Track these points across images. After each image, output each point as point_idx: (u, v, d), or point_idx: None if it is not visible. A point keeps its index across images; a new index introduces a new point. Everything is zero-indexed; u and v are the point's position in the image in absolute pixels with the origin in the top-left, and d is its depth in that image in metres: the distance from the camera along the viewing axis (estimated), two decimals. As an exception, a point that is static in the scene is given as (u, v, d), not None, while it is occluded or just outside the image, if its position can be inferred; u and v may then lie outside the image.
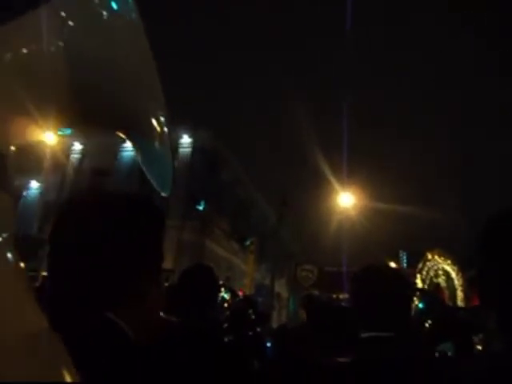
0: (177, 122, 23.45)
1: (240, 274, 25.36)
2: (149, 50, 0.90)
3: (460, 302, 17.14)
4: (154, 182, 0.95)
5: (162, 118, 0.99)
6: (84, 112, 0.87)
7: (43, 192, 25.81)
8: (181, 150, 23.64)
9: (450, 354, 2.25)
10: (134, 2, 0.86)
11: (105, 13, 0.92)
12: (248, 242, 19.42)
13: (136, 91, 0.93)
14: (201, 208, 16.41)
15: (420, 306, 2.52)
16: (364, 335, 1.53)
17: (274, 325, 22.65)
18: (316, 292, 21.04)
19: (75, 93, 0.83)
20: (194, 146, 23.48)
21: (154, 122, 0.97)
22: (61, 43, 0.83)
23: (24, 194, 26.39)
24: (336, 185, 23.24)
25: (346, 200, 22.30)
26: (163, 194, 0.97)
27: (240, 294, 20.16)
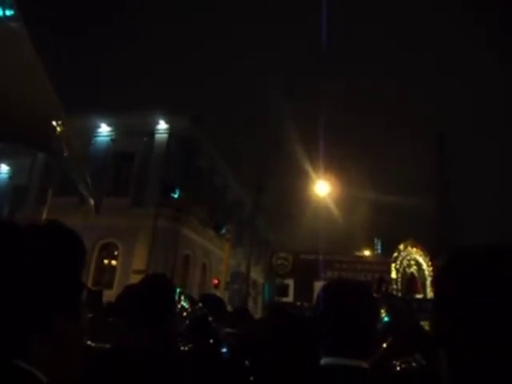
0: (153, 107, 22.95)
1: (216, 261, 25.31)
2: (34, 56, 0.83)
3: (429, 290, 17.62)
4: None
5: (56, 123, 0.91)
6: None
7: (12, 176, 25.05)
8: (157, 135, 23.15)
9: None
10: (17, 11, 0.79)
11: None
12: (224, 230, 19.34)
13: (18, 98, 0.87)
14: (176, 196, 16.19)
15: (386, 319, 2.41)
16: (326, 361, 1.27)
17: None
18: (289, 280, 21.25)
19: None
20: (171, 131, 23.00)
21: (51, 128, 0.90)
22: None
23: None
24: (312, 173, 23.40)
25: (322, 188, 22.47)
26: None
27: (215, 282, 19.95)
